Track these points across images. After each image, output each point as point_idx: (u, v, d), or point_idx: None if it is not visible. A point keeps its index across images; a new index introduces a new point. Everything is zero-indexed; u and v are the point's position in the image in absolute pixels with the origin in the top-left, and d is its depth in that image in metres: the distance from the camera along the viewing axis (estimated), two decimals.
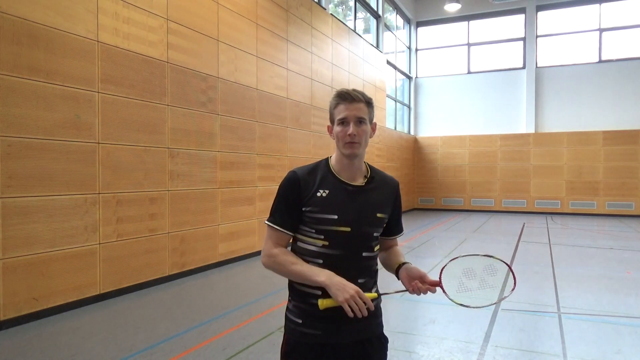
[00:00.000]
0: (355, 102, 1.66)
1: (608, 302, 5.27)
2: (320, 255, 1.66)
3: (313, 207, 1.66)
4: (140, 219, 5.80)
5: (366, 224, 1.69)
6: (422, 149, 17.98)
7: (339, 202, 1.66)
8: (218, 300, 5.42)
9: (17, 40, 4.42)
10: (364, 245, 1.70)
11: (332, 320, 1.65)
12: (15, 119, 4.40)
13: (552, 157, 16.01)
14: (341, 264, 1.64)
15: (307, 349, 1.67)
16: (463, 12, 16.84)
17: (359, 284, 1.65)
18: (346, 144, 1.66)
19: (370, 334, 1.73)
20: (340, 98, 1.68)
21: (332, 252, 1.65)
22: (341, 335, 1.67)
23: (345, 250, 1.66)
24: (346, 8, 13.92)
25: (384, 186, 1.78)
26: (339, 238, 1.65)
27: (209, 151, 6.95)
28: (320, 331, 1.66)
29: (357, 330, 1.69)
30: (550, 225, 12.99)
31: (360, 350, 1.70)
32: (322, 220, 1.65)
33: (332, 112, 1.71)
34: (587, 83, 15.64)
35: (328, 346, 1.67)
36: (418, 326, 4.58)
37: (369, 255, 1.72)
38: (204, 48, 6.92)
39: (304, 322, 1.68)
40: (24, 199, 4.49)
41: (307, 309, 1.68)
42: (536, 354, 3.79)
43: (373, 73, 13.86)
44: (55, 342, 4.09)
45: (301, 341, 1.69)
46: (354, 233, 1.66)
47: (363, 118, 1.67)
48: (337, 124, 1.68)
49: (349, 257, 1.66)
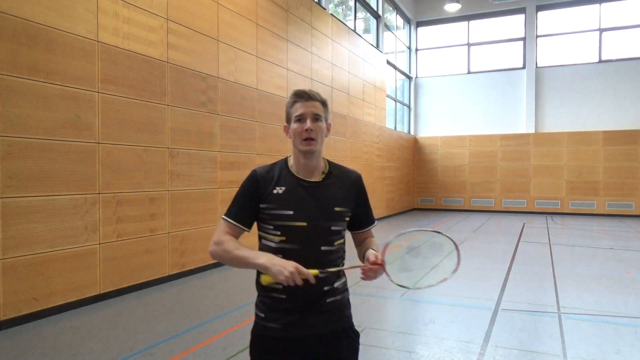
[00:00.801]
0: (311, 100, 1.72)
1: (608, 302, 5.27)
2: (279, 251, 1.70)
3: (270, 203, 1.72)
4: (140, 219, 5.80)
5: (323, 219, 1.72)
6: (422, 149, 17.99)
7: (295, 198, 1.71)
8: (218, 300, 5.42)
9: (17, 40, 4.42)
10: (322, 240, 1.72)
11: (293, 314, 1.69)
12: (15, 119, 4.40)
13: (552, 157, 16.01)
14: (299, 258, 1.66)
15: (270, 342, 1.72)
16: (463, 12, 16.84)
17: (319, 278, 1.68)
18: (303, 140, 1.70)
19: (335, 327, 1.74)
20: (297, 96, 1.73)
21: (289, 247, 1.70)
22: (302, 329, 1.70)
23: (302, 244, 1.70)
24: (346, 8, 13.92)
25: (343, 180, 1.81)
26: (296, 233, 1.69)
27: (209, 151, 6.95)
28: (280, 325, 1.70)
29: (319, 324, 1.71)
30: (550, 225, 12.99)
31: (325, 343, 1.72)
32: (279, 216, 1.70)
33: (289, 111, 1.76)
34: (587, 83, 15.64)
35: (290, 340, 1.70)
36: (418, 326, 4.58)
37: (329, 250, 1.74)
38: (204, 48, 6.92)
39: (266, 316, 1.73)
40: (24, 199, 4.49)
41: (269, 303, 1.73)
42: (536, 354, 3.79)
43: (373, 73, 13.86)
44: (55, 342, 4.09)
45: (264, 334, 1.73)
46: (310, 228, 1.69)
47: (319, 115, 1.72)
48: (295, 121, 1.73)
49: (306, 252, 1.69)
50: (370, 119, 13.56)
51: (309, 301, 1.70)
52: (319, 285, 1.67)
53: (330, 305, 1.73)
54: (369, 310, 5.01)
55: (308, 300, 1.70)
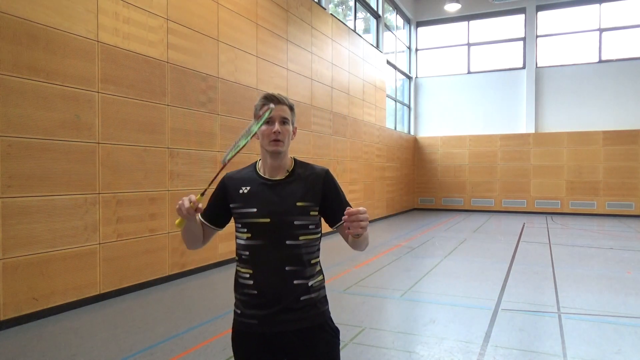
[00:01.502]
0: (280, 103, 1.81)
1: (608, 302, 5.27)
2: (247, 247, 1.79)
3: (237, 203, 1.83)
4: (140, 219, 5.80)
5: (285, 214, 1.77)
6: (422, 149, 17.98)
7: (259, 196, 1.80)
8: (218, 300, 5.42)
9: (17, 40, 4.42)
10: (286, 234, 1.77)
11: (267, 309, 1.75)
12: (15, 119, 4.40)
13: (552, 157, 16.01)
14: (265, 253, 1.76)
15: (248, 338, 1.79)
16: (463, 12, 16.84)
17: (286, 271, 1.75)
18: (271, 141, 1.79)
19: (310, 323, 1.78)
20: (266, 100, 1.82)
21: (255, 242, 1.78)
22: (276, 324, 1.75)
23: (266, 240, 1.77)
24: (346, 8, 13.92)
25: (308, 177, 1.86)
26: (260, 229, 1.77)
27: (209, 151, 6.95)
28: (256, 320, 1.76)
29: (294, 320, 1.75)
30: (550, 225, 12.99)
31: (301, 338, 1.76)
32: (245, 214, 1.80)
33: (258, 114, 1.84)
34: (587, 83, 15.64)
35: (266, 335, 1.76)
36: (418, 326, 4.58)
37: (295, 244, 1.77)
38: (204, 48, 6.92)
39: (242, 312, 1.81)
40: (24, 199, 4.49)
41: (245, 300, 1.80)
42: (536, 354, 3.79)
43: (373, 73, 13.86)
44: (55, 342, 4.09)
45: (242, 330, 1.81)
46: (273, 223, 1.76)
47: (287, 119, 1.82)
48: (263, 124, 1.81)
49: (271, 247, 1.76)
50: (370, 119, 13.56)
51: (280, 295, 1.75)
52: (288, 278, 1.74)
53: (304, 303, 1.78)
54: (369, 310, 5.01)
55: (279, 293, 1.75)
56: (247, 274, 1.79)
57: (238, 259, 1.85)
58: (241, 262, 1.83)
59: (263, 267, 1.77)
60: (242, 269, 1.82)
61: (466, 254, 8.40)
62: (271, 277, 1.75)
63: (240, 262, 1.83)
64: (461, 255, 8.32)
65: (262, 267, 1.77)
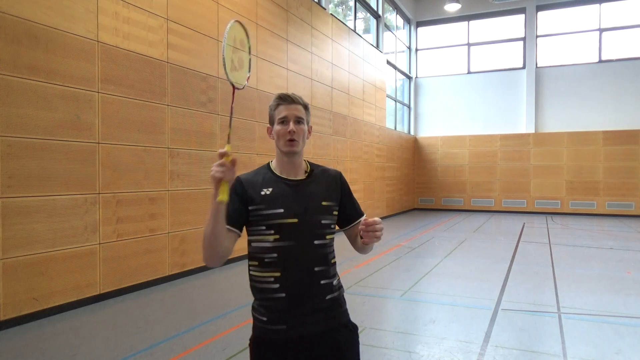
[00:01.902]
0: (294, 103, 1.79)
1: (608, 302, 5.27)
2: (275, 249, 1.72)
3: (259, 205, 1.75)
4: (140, 219, 5.80)
5: (312, 213, 1.76)
6: (422, 149, 17.98)
7: (283, 196, 1.76)
8: (218, 300, 5.42)
9: (17, 40, 4.42)
10: (315, 234, 1.76)
11: (295, 313, 1.71)
12: (15, 119, 4.40)
13: (552, 157, 16.01)
14: (294, 254, 1.71)
15: (274, 345, 1.73)
16: (463, 12, 16.84)
17: (315, 272, 1.73)
18: (287, 141, 1.76)
19: (336, 323, 1.79)
20: (280, 99, 1.80)
21: (284, 244, 1.72)
22: (305, 327, 1.72)
23: (296, 240, 1.73)
24: (346, 8, 13.92)
25: (325, 177, 1.88)
26: (289, 229, 1.72)
27: (209, 151, 6.95)
28: (284, 325, 1.71)
29: (320, 321, 1.74)
30: (550, 225, 12.99)
31: (327, 339, 1.75)
32: (270, 216, 1.73)
33: (272, 114, 1.82)
34: (587, 83, 15.64)
35: (294, 340, 1.71)
36: (418, 326, 4.58)
37: (322, 243, 1.78)
38: (204, 48, 6.92)
39: (269, 319, 1.74)
40: (24, 199, 4.49)
41: (271, 305, 1.73)
42: (536, 354, 3.79)
43: (373, 73, 13.86)
44: (55, 342, 4.09)
45: (267, 338, 1.74)
46: (301, 223, 1.73)
47: (301, 118, 1.79)
48: (278, 123, 1.79)
49: (301, 247, 1.73)
50: (370, 119, 13.56)
51: (310, 296, 1.73)
52: (316, 278, 1.73)
53: (329, 302, 1.77)
54: (369, 310, 5.01)
55: (308, 295, 1.73)
56: (272, 277, 1.72)
57: (258, 263, 1.75)
58: (263, 266, 1.74)
59: (292, 268, 1.71)
60: (264, 273, 1.74)
61: (466, 254, 8.40)
62: (301, 279, 1.71)
63: (262, 266, 1.74)
64: (461, 255, 8.32)
65: (291, 268, 1.71)
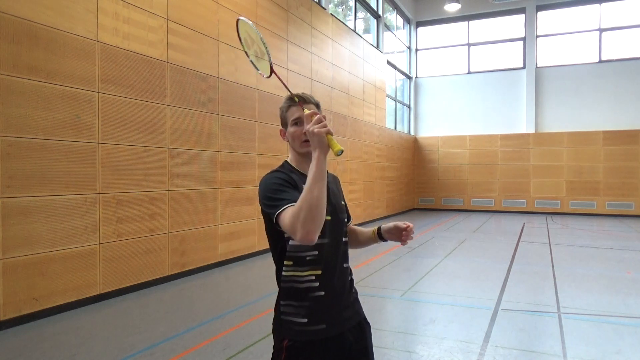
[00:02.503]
0: (306, 103, 1.75)
1: (608, 302, 5.27)
2: (316, 247, 1.69)
3: None
4: (140, 219, 5.80)
5: (339, 212, 1.80)
6: (422, 149, 17.98)
7: None
8: (218, 300, 5.42)
9: (17, 40, 4.42)
10: (342, 232, 1.80)
11: (333, 310, 1.72)
12: (15, 119, 4.40)
13: (552, 157, 16.01)
14: (331, 251, 1.73)
15: (313, 346, 1.67)
16: (463, 12, 16.84)
17: (344, 268, 1.79)
18: (302, 142, 1.73)
19: (360, 316, 1.85)
20: (292, 100, 1.75)
21: (323, 241, 1.71)
22: (342, 324, 1.75)
23: (331, 238, 1.74)
24: (346, 8, 13.92)
25: (334, 179, 1.93)
26: (326, 227, 1.69)
27: (209, 151, 6.95)
28: (324, 325, 1.70)
29: (352, 316, 1.79)
30: (550, 225, 12.99)
31: (358, 332, 1.80)
32: None
33: (285, 116, 1.79)
34: (587, 83, 15.64)
35: (332, 338, 1.71)
36: (418, 326, 4.58)
37: (346, 241, 1.83)
38: (204, 48, 6.92)
39: (310, 320, 1.68)
40: (24, 199, 4.49)
41: (309, 305, 1.68)
42: (536, 354, 3.79)
43: (373, 73, 13.86)
44: (55, 342, 4.09)
45: (309, 340, 1.67)
46: (333, 221, 1.76)
47: None
48: (291, 125, 1.76)
49: (335, 244, 1.75)
50: (370, 119, 13.56)
51: (343, 292, 1.77)
52: (346, 274, 1.80)
53: (353, 297, 1.84)
54: (369, 310, 4.99)
55: (342, 291, 1.77)
56: (313, 275, 1.69)
57: (295, 262, 1.70)
58: (303, 264, 1.69)
59: (330, 265, 1.73)
60: (305, 272, 1.69)
61: (466, 254, 8.40)
62: (337, 276, 1.74)
63: (301, 264, 1.69)
64: (461, 255, 8.32)
65: (329, 266, 1.72)
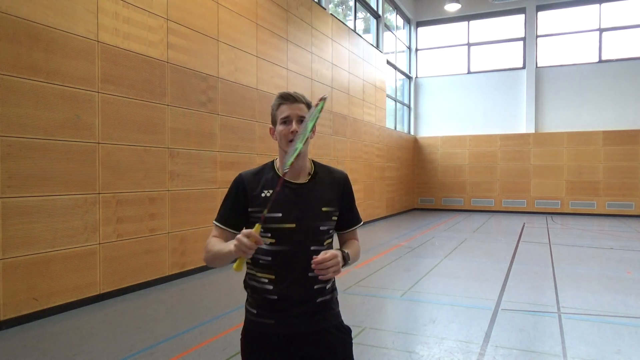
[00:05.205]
0: (297, 102, 1.74)
1: (608, 302, 5.27)
2: (270, 253, 1.72)
3: (258, 207, 1.73)
4: (140, 219, 5.80)
5: (311, 219, 1.74)
6: (422, 149, 17.98)
7: (283, 200, 1.72)
8: (218, 300, 5.42)
9: (17, 40, 4.42)
10: (312, 240, 1.74)
11: (284, 310, 1.72)
12: (15, 119, 4.40)
13: (552, 157, 16.01)
14: (290, 259, 1.70)
15: (263, 338, 1.73)
16: (463, 12, 16.83)
17: (309, 277, 1.71)
18: (289, 141, 1.71)
19: (326, 324, 1.77)
20: (282, 99, 1.75)
21: (280, 248, 1.71)
22: (294, 326, 1.72)
23: (292, 245, 1.71)
24: (346, 8, 13.92)
25: (329, 181, 1.84)
26: (286, 235, 1.71)
27: (209, 151, 6.95)
28: (273, 321, 1.72)
29: (310, 322, 1.74)
30: (550, 225, 12.99)
31: (318, 339, 1.74)
32: (269, 219, 1.69)
33: (275, 114, 1.78)
34: (587, 83, 15.64)
35: (283, 336, 1.72)
36: (418, 326, 4.58)
37: (319, 249, 1.75)
38: (204, 48, 6.91)
39: (258, 312, 1.75)
40: (24, 199, 4.49)
41: (260, 299, 1.75)
42: (536, 354, 3.79)
43: (373, 73, 13.86)
44: (56, 342, 4.09)
45: (256, 330, 1.75)
46: (299, 228, 1.71)
47: (304, 117, 1.74)
48: (280, 123, 1.75)
49: (297, 253, 1.71)
50: (370, 119, 13.56)
51: (301, 300, 1.73)
52: (310, 284, 1.72)
53: (320, 305, 1.76)
54: (369, 310, 5.01)
55: (300, 299, 1.73)
56: (267, 279, 1.73)
57: (252, 263, 1.77)
58: (258, 266, 1.75)
59: (286, 273, 1.71)
60: (260, 273, 1.75)
61: (466, 254, 8.40)
62: (294, 284, 1.71)
63: (257, 266, 1.75)
64: (461, 255, 8.32)
65: (285, 273, 1.71)
